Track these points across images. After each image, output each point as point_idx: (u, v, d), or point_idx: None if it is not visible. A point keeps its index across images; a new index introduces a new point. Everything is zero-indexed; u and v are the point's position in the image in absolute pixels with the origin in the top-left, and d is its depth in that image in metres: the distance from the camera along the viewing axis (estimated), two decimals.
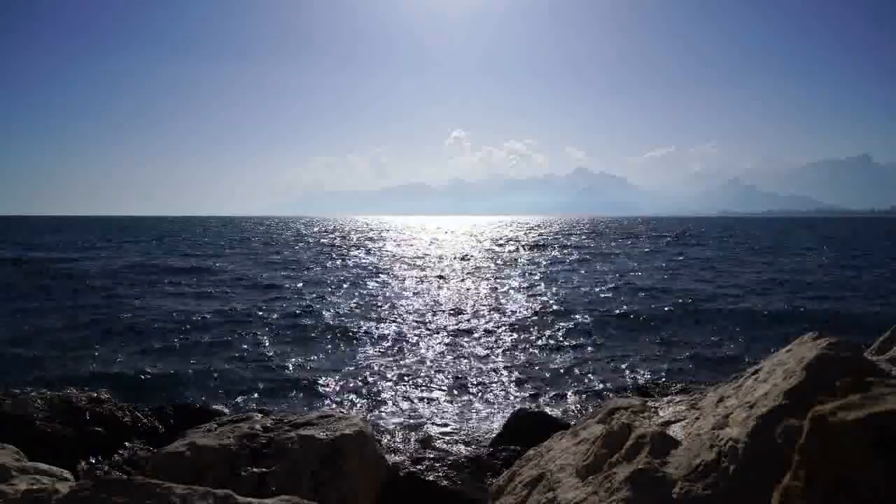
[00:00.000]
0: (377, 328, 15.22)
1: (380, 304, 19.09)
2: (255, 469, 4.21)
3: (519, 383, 10.45)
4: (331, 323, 15.80)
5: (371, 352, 12.76)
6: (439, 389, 10.06)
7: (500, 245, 54.17)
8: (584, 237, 68.92)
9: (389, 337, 14.16)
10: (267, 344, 13.35)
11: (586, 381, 10.56)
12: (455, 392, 9.92)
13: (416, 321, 16.11)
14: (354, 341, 13.71)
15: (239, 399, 9.53)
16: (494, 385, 10.32)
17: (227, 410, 7.34)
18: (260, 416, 5.00)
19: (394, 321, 16.12)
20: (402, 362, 11.83)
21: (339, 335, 14.35)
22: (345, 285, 23.93)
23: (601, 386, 10.26)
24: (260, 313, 17.17)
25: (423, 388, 10.17)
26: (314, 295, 20.95)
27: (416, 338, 14.02)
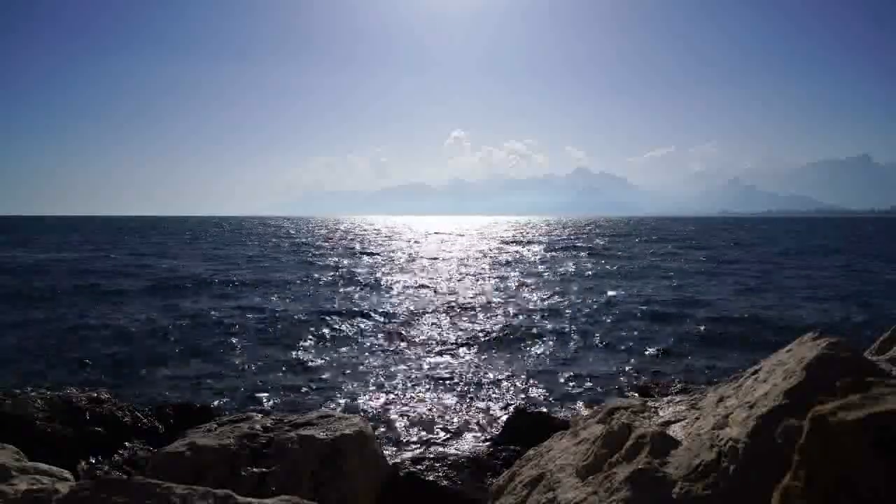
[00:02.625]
0: (378, 328, 15.21)
1: (380, 304, 19.08)
2: (255, 469, 4.21)
3: (519, 383, 10.45)
4: (331, 323, 15.80)
5: (371, 352, 12.76)
6: (439, 389, 10.06)
7: (507, 244, 54.20)
8: (599, 239, 68.92)
9: (390, 337, 14.16)
10: (267, 344, 13.35)
11: (586, 381, 10.56)
12: (455, 392, 9.92)
13: (417, 322, 16.12)
14: (355, 342, 13.71)
15: (239, 399, 9.53)
16: (494, 385, 10.32)
17: (227, 410, 7.35)
18: (260, 416, 5.01)
19: (394, 322, 16.12)
20: (402, 362, 11.82)
21: (339, 335, 14.35)
22: (345, 285, 23.93)
23: (601, 386, 10.26)
24: (260, 313, 17.17)
25: (424, 388, 10.17)
26: (314, 295, 20.95)
27: (417, 338, 14.02)
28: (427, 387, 10.22)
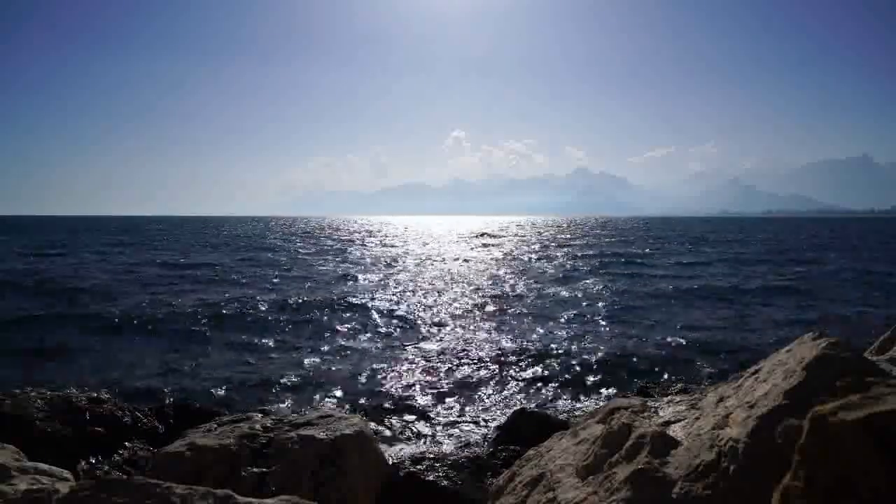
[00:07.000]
0: (377, 328, 15.21)
1: (380, 303, 19.08)
2: (255, 469, 4.21)
3: (519, 383, 10.45)
4: (331, 323, 15.80)
5: (372, 352, 12.76)
6: (440, 389, 10.06)
7: (510, 245, 54.21)
8: (603, 238, 68.88)
9: (390, 337, 14.16)
10: (267, 344, 13.34)
11: (586, 381, 10.56)
12: (455, 392, 9.92)
13: (418, 323, 16.11)
14: (355, 342, 13.71)
15: (239, 399, 9.52)
16: (494, 385, 10.32)
17: (227, 410, 7.34)
18: (260, 416, 5.01)
19: (394, 321, 16.12)
20: (402, 362, 11.82)
21: (339, 335, 14.36)
22: (345, 285, 23.92)
23: (601, 386, 10.26)
24: (259, 313, 17.16)
25: (424, 388, 10.17)
26: (314, 294, 20.94)
27: (416, 338, 14.02)
28: (427, 387, 10.22)
